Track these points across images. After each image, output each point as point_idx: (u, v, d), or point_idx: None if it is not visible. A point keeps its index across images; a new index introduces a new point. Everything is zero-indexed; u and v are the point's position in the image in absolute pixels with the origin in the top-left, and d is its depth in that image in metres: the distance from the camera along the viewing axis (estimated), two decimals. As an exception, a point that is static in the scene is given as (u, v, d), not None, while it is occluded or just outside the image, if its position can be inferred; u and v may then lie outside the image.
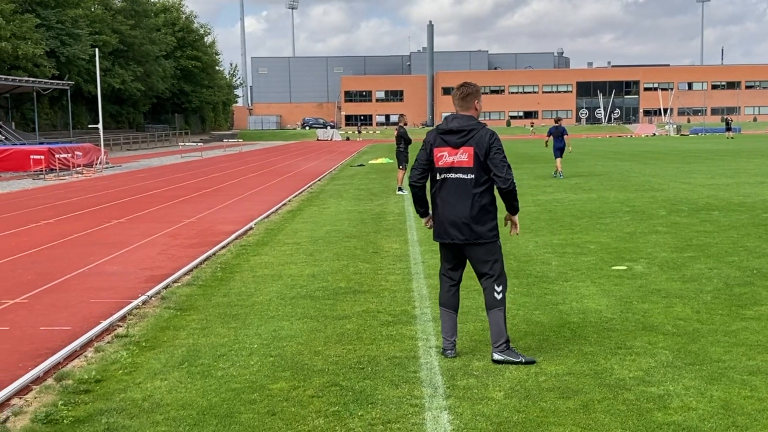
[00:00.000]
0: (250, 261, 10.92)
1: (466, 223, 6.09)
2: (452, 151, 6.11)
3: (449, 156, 6.11)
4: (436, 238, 6.35)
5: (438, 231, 6.28)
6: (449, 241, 6.21)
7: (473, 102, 6.23)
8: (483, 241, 6.14)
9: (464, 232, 6.11)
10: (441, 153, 6.15)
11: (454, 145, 6.10)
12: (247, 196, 21.54)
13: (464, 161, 6.06)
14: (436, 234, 6.33)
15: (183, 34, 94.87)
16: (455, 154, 6.09)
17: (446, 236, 6.21)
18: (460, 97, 6.26)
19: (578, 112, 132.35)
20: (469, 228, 6.09)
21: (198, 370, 6.05)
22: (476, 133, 6.06)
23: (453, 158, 6.10)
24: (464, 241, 6.14)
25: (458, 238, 6.15)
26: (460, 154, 6.07)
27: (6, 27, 53.05)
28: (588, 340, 6.63)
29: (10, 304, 8.49)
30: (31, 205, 19.58)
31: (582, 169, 29.77)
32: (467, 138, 6.07)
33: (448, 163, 6.12)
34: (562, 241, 12.02)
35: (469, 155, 6.05)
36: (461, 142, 6.08)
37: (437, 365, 6.01)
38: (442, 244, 6.34)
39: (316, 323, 7.39)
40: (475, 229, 6.09)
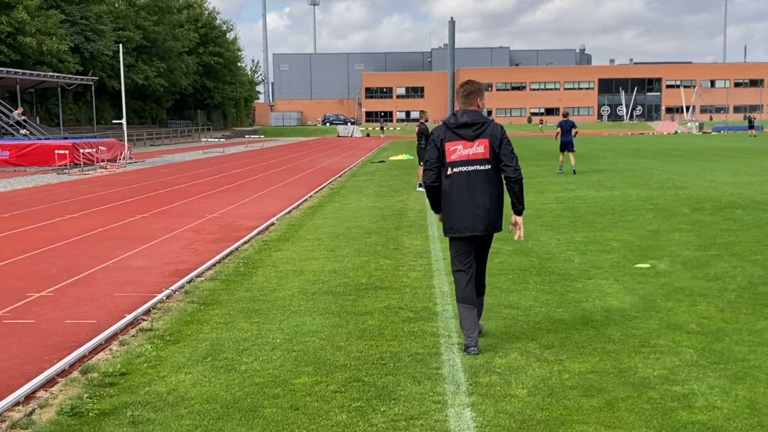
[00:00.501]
0: (273, 256, 10.97)
1: (487, 214, 6.21)
2: (467, 144, 6.21)
3: (464, 149, 6.21)
4: (452, 233, 6.33)
5: (455, 226, 6.28)
6: (470, 234, 6.24)
7: (476, 99, 6.37)
8: (497, 231, 6.38)
9: (486, 223, 6.23)
10: (454, 147, 6.24)
11: (468, 138, 6.21)
12: (268, 191, 21.62)
13: (480, 153, 6.19)
14: (452, 230, 6.32)
15: (206, 31, 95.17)
16: (470, 147, 6.20)
17: (466, 229, 6.24)
18: (464, 94, 6.40)
19: (600, 109, 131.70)
20: (489, 218, 6.23)
21: (221, 364, 6.08)
22: (489, 125, 6.24)
23: (469, 151, 6.21)
24: (485, 231, 6.25)
25: (479, 230, 6.23)
26: (476, 146, 6.19)
27: (31, 23, 53.38)
28: (611, 339, 6.60)
29: (36, 297, 8.57)
30: (56, 200, 19.74)
31: (604, 166, 29.63)
32: (482, 130, 6.21)
33: (463, 156, 6.21)
34: (584, 239, 11.97)
35: (485, 147, 6.19)
36: (476, 135, 6.21)
37: (459, 362, 6.01)
38: (459, 238, 6.32)
39: (338, 319, 7.41)
40: (495, 219, 6.28)
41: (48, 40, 54.60)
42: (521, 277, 9.15)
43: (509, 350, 6.29)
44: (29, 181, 26.63)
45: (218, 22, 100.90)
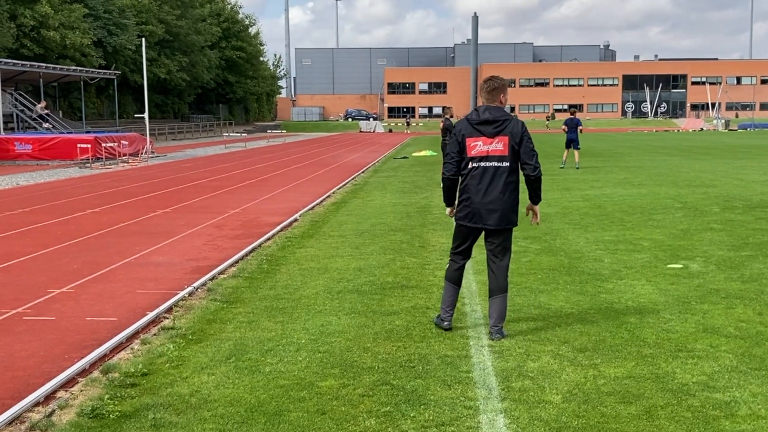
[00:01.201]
0: (296, 253, 10.81)
1: (502, 209, 6.41)
2: (487, 140, 6.40)
3: (484, 145, 6.40)
4: (467, 221, 6.57)
5: (470, 216, 6.52)
6: (481, 225, 6.49)
7: (499, 95, 6.52)
8: (511, 226, 6.53)
9: (498, 218, 6.42)
10: (475, 142, 6.42)
11: (489, 134, 6.40)
12: (291, 187, 21.48)
13: (499, 150, 6.38)
14: (467, 218, 6.55)
15: (228, 25, 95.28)
16: (490, 143, 6.39)
17: (480, 221, 6.48)
18: (487, 90, 6.55)
19: (624, 105, 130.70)
20: (503, 214, 6.42)
21: (245, 365, 5.92)
22: (509, 123, 6.40)
23: (488, 147, 6.40)
24: (496, 226, 6.45)
25: (491, 224, 6.45)
26: (495, 143, 6.38)
27: (54, 16, 53.59)
28: (647, 342, 6.38)
29: (57, 294, 8.45)
30: (78, 194, 19.70)
31: (630, 164, 29.29)
32: (502, 128, 6.38)
33: (483, 152, 6.41)
34: (613, 238, 11.73)
35: (504, 144, 6.37)
36: (496, 132, 6.38)
37: (490, 365, 5.82)
38: (468, 227, 6.59)
39: (364, 319, 7.23)
40: (509, 215, 6.45)
41: (71, 34, 54.82)
42: (551, 277, 8.93)
43: (541, 353, 6.09)
44: (51, 175, 26.66)
45: (240, 17, 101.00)
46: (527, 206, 6.81)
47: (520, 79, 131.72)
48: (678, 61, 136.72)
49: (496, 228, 6.47)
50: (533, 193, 6.63)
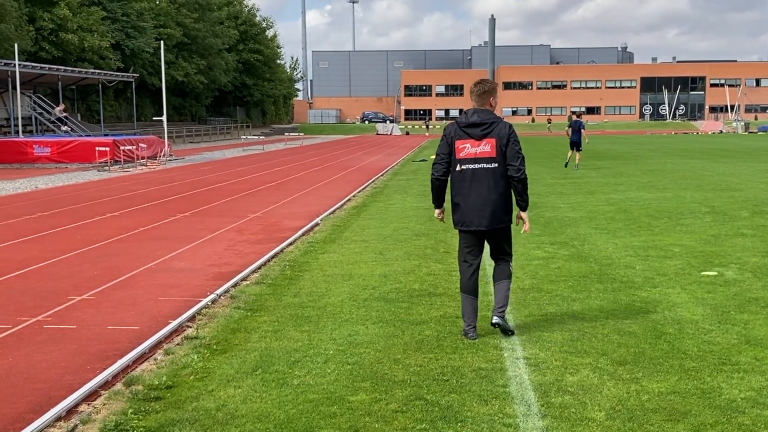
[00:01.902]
0: (319, 259, 10.61)
1: (492, 210, 6.50)
2: (475, 142, 6.51)
3: (472, 147, 6.52)
4: (459, 226, 6.68)
5: (462, 219, 6.62)
6: (475, 228, 6.57)
7: (489, 99, 6.65)
8: (504, 225, 6.62)
9: (490, 219, 6.52)
10: (463, 145, 6.54)
11: (477, 137, 6.51)
12: (310, 190, 21.30)
13: (487, 152, 6.49)
14: (459, 223, 6.67)
15: (245, 28, 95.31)
16: (478, 146, 6.50)
17: (471, 224, 6.57)
18: (477, 93, 6.67)
19: (642, 108, 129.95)
20: (494, 214, 6.51)
21: (272, 378, 5.72)
22: (497, 125, 6.51)
23: (476, 149, 6.51)
24: (489, 227, 6.53)
25: (484, 225, 6.53)
26: (483, 145, 6.49)
27: (73, 19, 53.72)
28: (688, 355, 6.13)
29: (77, 301, 8.29)
30: (97, 197, 19.59)
31: (652, 167, 28.94)
32: (489, 130, 6.50)
33: (471, 154, 6.53)
34: (643, 243, 11.46)
35: (491, 146, 6.48)
36: (484, 134, 6.50)
37: (527, 379, 5.59)
38: (466, 231, 6.68)
39: (393, 328, 7.02)
40: (500, 215, 6.54)
41: (89, 36, 54.95)
42: (582, 285, 8.69)
43: (579, 366, 5.85)
44: (70, 179, 26.59)
45: (258, 19, 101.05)
46: (516, 214, 6.82)
47: (537, 81, 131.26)
48: (696, 63, 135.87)
49: (489, 229, 6.56)
50: (519, 197, 6.65)
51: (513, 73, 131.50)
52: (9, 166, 33.32)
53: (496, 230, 6.61)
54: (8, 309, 7.94)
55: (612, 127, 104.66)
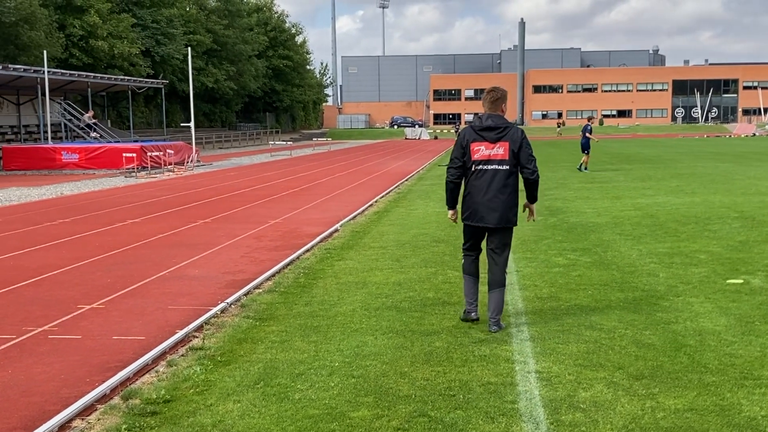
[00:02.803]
0: (334, 266, 10.42)
1: (501, 209, 6.92)
2: (489, 145, 6.94)
3: (486, 150, 6.95)
4: (468, 221, 7.12)
5: (472, 215, 7.06)
6: (482, 225, 7.02)
7: (501, 105, 7.11)
8: (510, 225, 7.03)
9: (498, 217, 6.93)
10: (478, 147, 6.97)
11: (491, 140, 6.94)
12: (333, 196, 21.15)
13: (500, 154, 6.93)
14: (469, 218, 7.09)
15: (275, 34, 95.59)
16: (492, 148, 6.93)
17: (481, 220, 7.01)
18: (490, 100, 7.11)
19: (674, 111, 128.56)
20: (501, 213, 6.93)
21: (274, 392, 5.53)
22: (510, 130, 6.96)
23: (490, 152, 6.94)
24: (496, 224, 6.95)
25: (491, 222, 6.96)
26: (496, 148, 6.92)
27: (103, 26, 54.12)
28: (708, 368, 5.86)
29: (86, 310, 8.17)
30: (120, 204, 19.58)
31: (682, 171, 28.47)
32: (503, 134, 6.94)
33: (485, 156, 6.95)
34: (668, 250, 11.15)
35: (505, 149, 6.91)
36: (498, 138, 6.93)
37: (537, 394, 5.36)
38: (471, 226, 7.13)
39: (402, 339, 6.81)
40: (507, 214, 6.96)
41: (119, 43, 55.33)
42: (602, 294, 8.42)
43: (594, 381, 5.60)
44: (96, 185, 26.67)
45: (287, 25, 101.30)
46: (524, 204, 7.38)
47: (568, 84, 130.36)
48: (729, 66, 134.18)
49: (496, 227, 6.98)
50: (530, 194, 7.22)
51: (543, 76, 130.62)
52: (38, 172, 33.56)
53: (501, 228, 7.03)
54: (15, 318, 7.84)
55: (644, 131, 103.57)
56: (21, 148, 35.95)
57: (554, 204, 17.22)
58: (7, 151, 35.21)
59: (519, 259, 10.66)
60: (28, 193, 23.29)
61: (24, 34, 44.46)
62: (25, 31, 44.46)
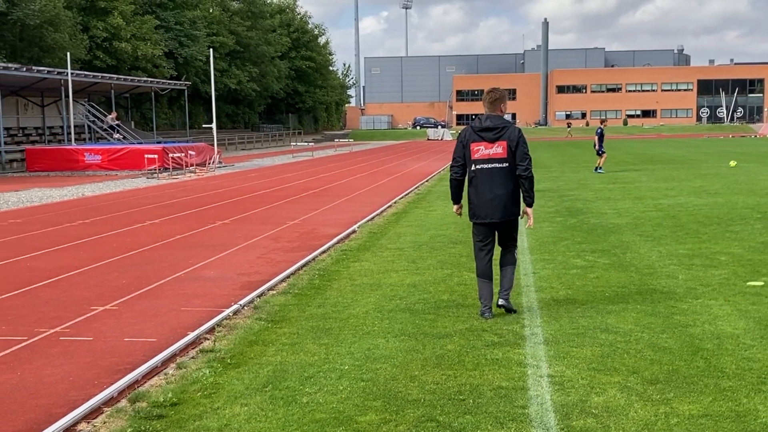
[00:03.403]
0: (350, 268, 10.36)
1: (504, 204, 7.31)
2: (488, 145, 7.30)
3: (486, 149, 7.32)
4: (475, 219, 7.49)
5: (477, 213, 7.42)
6: (489, 220, 7.37)
7: (500, 105, 7.46)
8: (514, 217, 7.42)
9: (502, 212, 7.33)
10: (478, 147, 7.35)
11: (490, 140, 7.30)
12: (353, 197, 21.10)
13: (499, 153, 7.30)
14: (475, 216, 7.47)
15: (298, 35, 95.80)
16: (491, 147, 7.30)
17: (486, 217, 7.38)
18: (489, 101, 7.47)
19: (699, 111, 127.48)
20: (505, 208, 7.33)
21: (282, 395, 5.47)
22: (507, 130, 7.32)
23: (489, 151, 7.31)
24: (501, 219, 7.34)
25: (497, 218, 7.34)
26: (495, 147, 7.29)
27: (126, 28, 54.49)
28: (725, 373, 5.74)
29: (99, 311, 8.16)
30: (141, 205, 19.64)
31: (705, 171, 28.17)
32: (501, 134, 7.29)
33: (485, 155, 7.32)
34: (688, 251, 10.99)
35: (503, 148, 7.28)
36: (496, 138, 7.29)
37: (549, 399, 5.26)
38: (481, 223, 7.46)
39: (414, 342, 6.73)
40: (510, 208, 7.37)
41: (143, 45, 55.67)
42: (620, 296, 8.29)
43: (607, 385, 5.49)
44: (118, 186, 26.79)
45: (310, 26, 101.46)
46: (522, 209, 7.58)
47: (592, 84, 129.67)
48: (755, 65, 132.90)
49: (502, 221, 7.37)
50: (526, 194, 7.42)
51: (566, 76, 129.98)
52: (60, 173, 33.82)
53: (507, 222, 7.42)
54: (29, 320, 7.84)
55: (668, 131, 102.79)
56: (44, 149, 36.22)
57: (574, 205, 17.06)
58: (31, 152, 35.50)
59: (537, 260, 10.55)
60: (50, 194, 23.43)
61: (48, 36, 44.83)
62: (49, 34, 44.84)
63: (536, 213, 15.59)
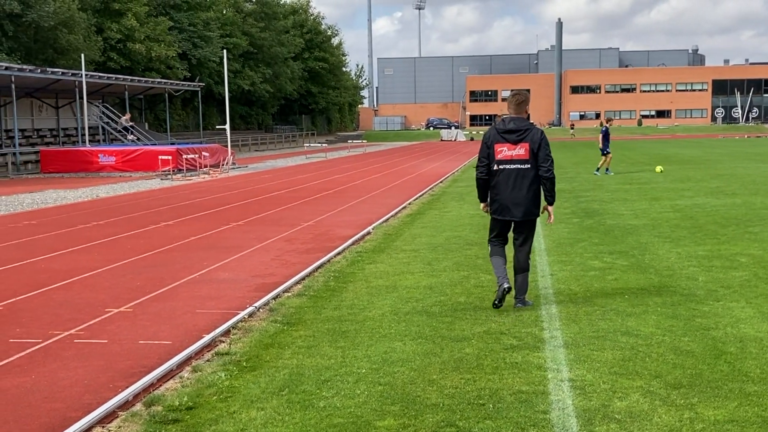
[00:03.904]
0: (365, 269, 10.28)
1: (525, 204, 7.61)
2: (511, 146, 7.59)
3: (509, 150, 7.60)
4: (496, 215, 7.83)
5: (499, 210, 7.76)
6: (509, 218, 7.73)
7: (525, 107, 7.77)
8: (533, 218, 7.72)
9: (523, 211, 7.63)
10: (501, 148, 7.63)
11: (513, 141, 7.58)
12: (367, 198, 21.02)
13: (522, 155, 7.59)
14: (497, 213, 7.80)
15: (311, 36, 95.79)
16: (514, 149, 7.58)
17: (507, 215, 7.72)
18: (515, 103, 7.74)
19: (714, 111, 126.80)
20: (526, 208, 7.63)
21: (298, 399, 5.40)
22: (530, 132, 7.60)
23: (512, 152, 7.60)
24: (521, 218, 7.65)
25: (517, 216, 7.66)
26: (518, 148, 7.57)
27: (140, 29, 54.61)
28: (750, 377, 5.63)
29: (114, 314, 8.11)
30: (155, 206, 19.62)
31: (722, 171, 27.95)
32: (524, 136, 7.56)
33: (508, 156, 7.61)
34: (707, 253, 10.86)
35: (525, 150, 7.56)
36: (519, 139, 7.57)
37: (570, 404, 5.16)
38: (499, 219, 7.83)
39: (432, 345, 6.64)
40: (531, 208, 7.66)
41: (156, 46, 55.79)
42: (639, 298, 8.18)
43: (629, 390, 5.39)
44: (132, 187, 26.81)
45: (323, 27, 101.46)
46: (543, 206, 7.89)
47: (606, 84, 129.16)
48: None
49: (522, 220, 7.68)
50: (548, 193, 7.71)
51: (580, 76, 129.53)
52: (75, 174, 33.88)
53: (526, 222, 7.73)
54: (43, 322, 7.80)
55: (683, 131, 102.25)
56: (58, 150, 36.31)
57: (591, 206, 16.93)
58: (45, 153, 35.59)
59: (554, 262, 10.44)
60: (65, 196, 23.46)
61: (62, 38, 44.97)
62: (63, 35, 44.97)
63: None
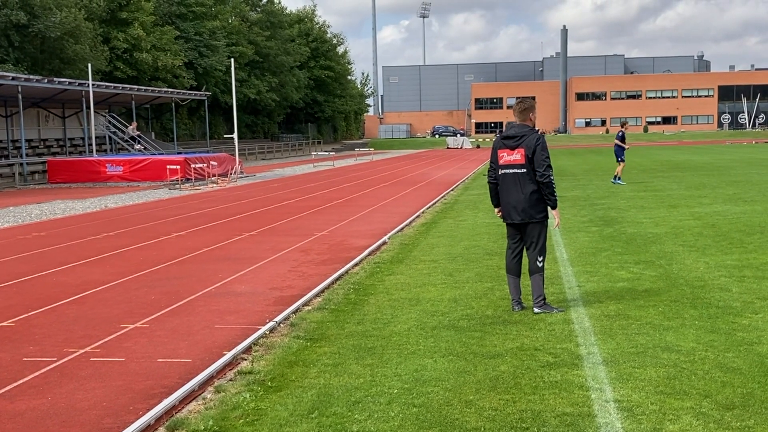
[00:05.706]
0: (385, 281, 10.00)
1: (522, 207, 7.90)
2: (510, 152, 7.95)
3: (508, 156, 7.96)
4: (503, 219, 8.18)
5: (504, 214, 8.12)
6: (510, 221, 8.06)
7: (529, 114, 8.04)
8: (534, 221, 7.94)
9: (521, 214, 7.93)
10: (502, 153, 8.03)
11: (511, 147, 7.94)
12: (379, 207, 20.74)
13: (518, 160, 7.90)
14: (504, 216, 8.16)
15: (316, 44, 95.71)
16: (512, 154, 7.93)
17: (509, 217, 8.06)
18: (520, 110, 8.07)
19: (720, 117, 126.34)
20: (523, 210, 7.91)
21: (330, 422, 5.11)
22: (527, 138, 7.86)
23: (511, 157, 7.94)
24: (521, 220, 7.95)
25: (518, 219, 7.97)
26: (515, 154, 7.91)
27: (147, 39, 54.47)
28: (806, 397, 5.33)
29: (130, 329, 7.83)
30: (164, 216, 19.36)
31: (736, 178, 27.62)
32: (520, 142, 7.88)
33: (507, 161, 7.98)
34: (736, 262, 10.56)
35: (521, 155, 7.87)
36: (516, 145, 7.91)
37: (620, 427, 4.86)
38: (509, 223, 8.12)
39: (464, 362, 6.35)
40: (528, 211, 7.90)
41: (163, 55, 55.66)
42: (674, 311, 7.88)
43: (680, 411, 5.10)
44: (141, 197, 26.56)
45: (329, 36, 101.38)
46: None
47: (612, 91, 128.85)
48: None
49: (521, 222, 7.97)
50: (546, 197, 7.93)
51: (585, 83, 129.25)
52: (82, 185, 33.65)
53: (527, 223, 7.97)
54: (57, 339, 7.53)
55: (690, 137, 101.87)
56: (65, 161, 36.09)
57: (608, 214, 16.63)
58: (52, 164, 35.37)
59: (579, 272, 10.15)
60: (73, 206, 23.22)
61: (69, 48, 44.82)
62: (70, 45, 44.83)
63: (570, 222, 15.22)
